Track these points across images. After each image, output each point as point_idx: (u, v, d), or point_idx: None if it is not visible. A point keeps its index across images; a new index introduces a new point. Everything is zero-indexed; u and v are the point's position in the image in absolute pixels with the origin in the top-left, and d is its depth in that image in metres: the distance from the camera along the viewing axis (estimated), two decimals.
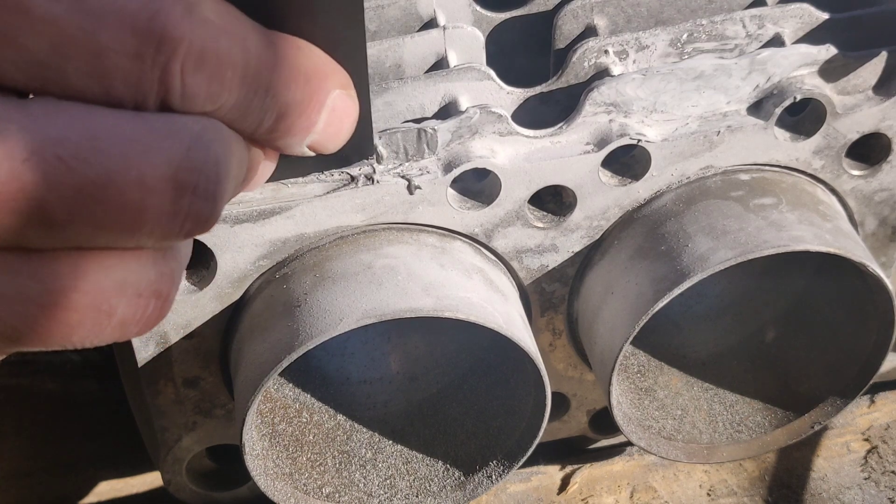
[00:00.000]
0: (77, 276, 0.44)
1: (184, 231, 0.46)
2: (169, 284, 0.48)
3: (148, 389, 0.83)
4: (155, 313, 0.48)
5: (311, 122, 0.52)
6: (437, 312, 0.74)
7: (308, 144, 0.53)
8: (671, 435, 0.89)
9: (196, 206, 0.45)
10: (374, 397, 0.91)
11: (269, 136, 0.51)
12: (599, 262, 0.84)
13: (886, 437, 1.03)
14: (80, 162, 0.42)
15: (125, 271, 0.46)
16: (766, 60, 0.79)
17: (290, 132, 0.51)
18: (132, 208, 0.43)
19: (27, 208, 0.41)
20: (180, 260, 0.49)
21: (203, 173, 0.45)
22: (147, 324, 0.48)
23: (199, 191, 0.45)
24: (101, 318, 0.45)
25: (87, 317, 0.45)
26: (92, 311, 0.45)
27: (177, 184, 0.44)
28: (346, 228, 0.78)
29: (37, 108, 0.42)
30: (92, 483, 1.11)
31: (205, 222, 0.46)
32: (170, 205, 0.44)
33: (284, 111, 0.50)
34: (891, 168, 0.86)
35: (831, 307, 0.91)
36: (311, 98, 0.51)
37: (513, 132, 0.78)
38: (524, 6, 0.87)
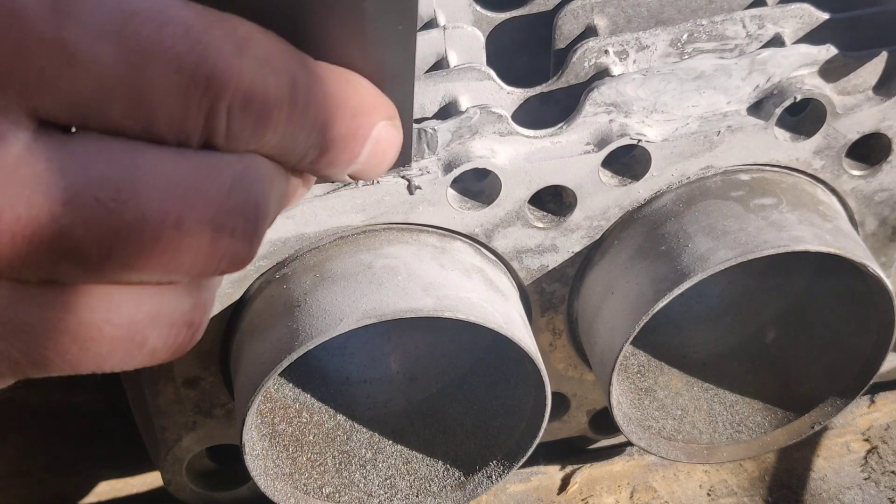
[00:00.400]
0: (110, 308, 0.44)
1: (219, 270, 0.45)
2: (202, 314, 0.48)
3: (148, 389, 0.83)
4: (186, 341, 0.47)
5: (354, 154, 0.51)
6: (437, 312, 0.74)
7: (349, 174, 0.53)
8: (671, 435, 0.89)
9: (233, 247, 0.45)
10: (374, 397, 0.91)
11: (313, 168, 0.50)
12: (599, 262, 0.84)
13: (886, 437, 1.03)
14: (119, 204, 0.41)
15: (159, 304, 0.45)
16: (767, 60, 0.79)
17: (333, 165, 0.50)
18: (168, 250, 0.43)
19: (63, 247, 0.41)
20: (213, 289, 0.49)
21: (242, 216, 0.44)
22: (177, 351, 0.48)
23: (238, 233, 0.44)
24: (132, 348, 0.45)
25: (118, 347, 0.45)
26: (124, 343, 0.45)
27: (215, 226, 0.43)
28: (346, 228, 0.78)
29: (78, 145, 0.41)
30: (92, 483, 1.11)
31: (241, 262, 0.46)
32: (207, 247, 0.44)
33: (329, 146, 0.49)
34: (891, 168, 0.86)
35: (831, 307, 0.91)
36: (357, 132, 0.50)
37: (513, 132, 0.77)
38: (524, 6, 0.87)
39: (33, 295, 0.42)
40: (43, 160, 0.40)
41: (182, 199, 0.42)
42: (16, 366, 0.43)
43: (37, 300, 0.42)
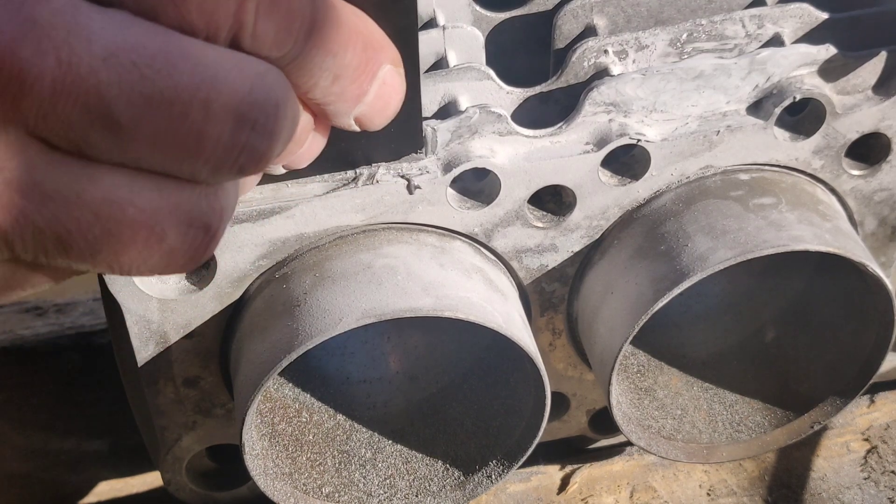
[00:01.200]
0: (135, 189, 0.45)
1: (237, 165, 0.46)
2: (218, 220, 0.49)
3: (148, 389, 0.83)
4: (202, 247, 0.48)
5: (362, 89, 0.53)
6: (436, 312, 0.74)
7: (356, 116, 0.54)
8: (671, 435, 0.89)
9: (253, 141, 0.46)
10: (374, 397, 0.91)
11: (323, 98, 0.52)
12: (599, 261, 0.84)
13: (886, 437, 1.03)
14: (154, 72, 0.42)
15: (179, 198, 0.46)
16: (766, 60, 0.80)
17: (343, 97, 0.52)
18: (194, 129, 0.44)
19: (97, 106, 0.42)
20: (230, 202, 0.50)
21: (263, 111, 0.46)
22: (192, 258, 0.48)
23: (258, 127, 0.46)
24: (152, 239, 0.46)
25: (139, 235, 0.45)
26: (145, 231, 0.45)
27: (238, 116, 0.45)
28: (345, 228, 0.78)
29: (117, 14, 0.43)
30: (92, 483, 1.11)
31: (258, 160, 0.47)
32: (229, 135, 0.45)
33: (340, 73, 0.51)
34: (890, 168, 0.86)
35: (831, 307, 0.91)
36: (367, 65, 0.53)
37: (512, 132, 0.78)
38: (524, 6, 0.87)
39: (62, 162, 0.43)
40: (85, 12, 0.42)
41: (211, 82, 0.44)
42: (39, 236, 0.43)
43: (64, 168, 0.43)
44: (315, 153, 0.60)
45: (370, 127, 0.56)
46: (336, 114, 0.54)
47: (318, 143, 0.59)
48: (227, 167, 0.46)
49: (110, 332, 0.84)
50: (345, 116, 0.54)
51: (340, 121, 0.55)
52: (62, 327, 1.10)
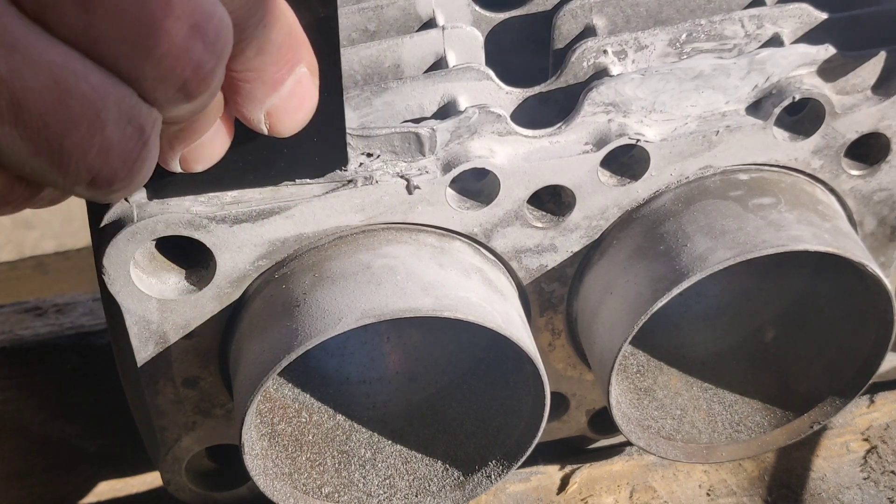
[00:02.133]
0: (87, 67, 0.45)
1: (182, 78, 0.47)
2: (151, 128, 0.49)
3: (147, 389, 0.83)
4: (135, 151, 0.48)
5: (280, 76, 0.53)
6: (436, 312, 0.74)
7: (267, 109, 0.54)
8: (670, 435, 0.89)
9: (202, 56, 0.47)
10: (374, 397, 0.91)
11: (244, 68, 0.52)
12: (598, 261, 0.84)
13: (886, 437, 1.03)
14: None
15: (123, 91, 0.47)
16: (765, 60, 0.80)
17: (261, 77, 0.53)
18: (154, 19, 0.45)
19: None
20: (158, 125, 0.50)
21: (216, 29, 0.47)
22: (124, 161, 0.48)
23: (209, 43, 0.47)
24: (95, 124, 0.46)
25: (86, 114, 0.46)
26: (91, 111, 0.46)
27: (194, 23, 0.46)
28: (345, 228, 0.78)
29: None
30: (92, 483, 1.11)
31: (204, 79, 0.47)
32: (182, 39, 0.46)
33: (265, 47, 0.51)
34: (890, 168, 0.86)
35: (830, 307, 0.91)
36: (288, 50, 0.53)
37: (512, 132, 0.78)
38: (523, 6, 0.87)
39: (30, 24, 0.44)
40: None
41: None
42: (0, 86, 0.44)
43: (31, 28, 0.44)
44: (217, 153, 0.60)
45: (280, 129, 0.56)
46: (249, 97, 0.54)
47: (221, 139, 0.59)
48: (172, 77, 0.47)
49: (110, 332, 0.84)
50: (257, 105, 0.54)
51: (251, 110, 0.55)
52: (61, 327, 1.10)
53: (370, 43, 0.80)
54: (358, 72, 0.80)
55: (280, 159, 0.71)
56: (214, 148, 0.59)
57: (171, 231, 0.73)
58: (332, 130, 0.63)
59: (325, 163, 0.70)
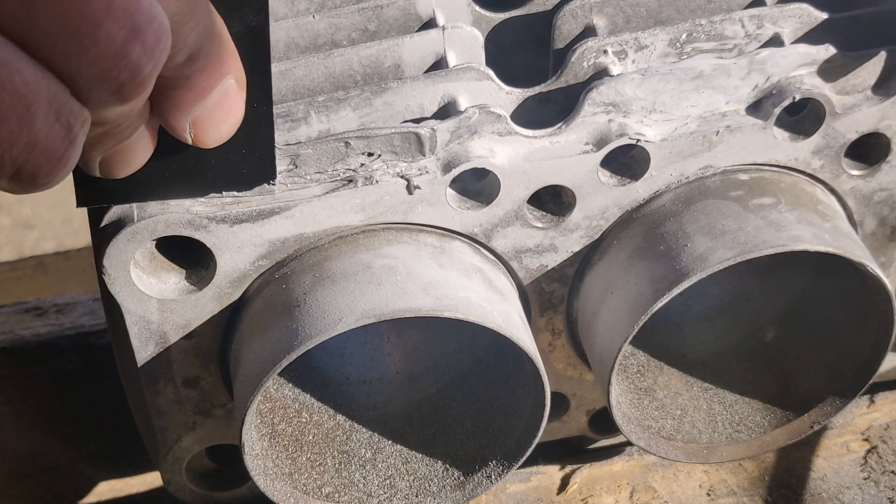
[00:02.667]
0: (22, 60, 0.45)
1: (118, 80, 0.47)
2: (80, 127, 0.49)
3: (147, 389, 0.83)
4: (60, 151, 0.48)
5: (208, 84, 0.53)
6: (436, 312, 0.74)
7: (193, 118, 0.54)
8: (670, 435, 0.89)
9: (138, 59, 0.47)
10: (374, 397, 0.91)
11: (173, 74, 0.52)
12: (599, 261, 0.84)
13: (886, 437, 1.03)
14: None
15: (56, 88, 0.47)
16: (766, 60, 0.80)
17: (189, 84, 0.53)
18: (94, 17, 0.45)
19: None
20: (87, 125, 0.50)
21: (155, 33, 0.47)
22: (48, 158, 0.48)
23: (147, 46, 0.47)
24: (25, 117, 0.46)
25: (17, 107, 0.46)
26: (22, 105, 0.46)
27: (133, 26, 0.46)
28: (345, 228, 0.78)
29: None
30: (92, 483, 1.11)
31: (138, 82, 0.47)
32: (121, 40, 0.46)
33: (196, 55, 0.51)
34: (890, 168, 0.86)
35: (830, 307, 0.91)
36: (216, 62, 0.53)
37: (512, 132, 0.78)
38: (523, 6, 0.87)
39: None
40: None
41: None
42: None
43: None
44: (139, 159, 0.59)
45: (204, 140, 0.56)
46: (175, 105, 0.54)
47: (143, 145, 0.58)
48: (108, 79, 0.47)
49: (110, 332, 0.84)
50: (183, 113, 0.54)
51: (177, 118, 0.55)
52: (62, 327, 1.10)
53: (370, 43, 0.80)
54: (358, 72, 0.80)
55: (207, 170, 0.69)
56: (137, 154, 0.59)
57: (171, 231, 0.73)
58: (260, 143, 0.62)
59: (252, 175, 0.68)
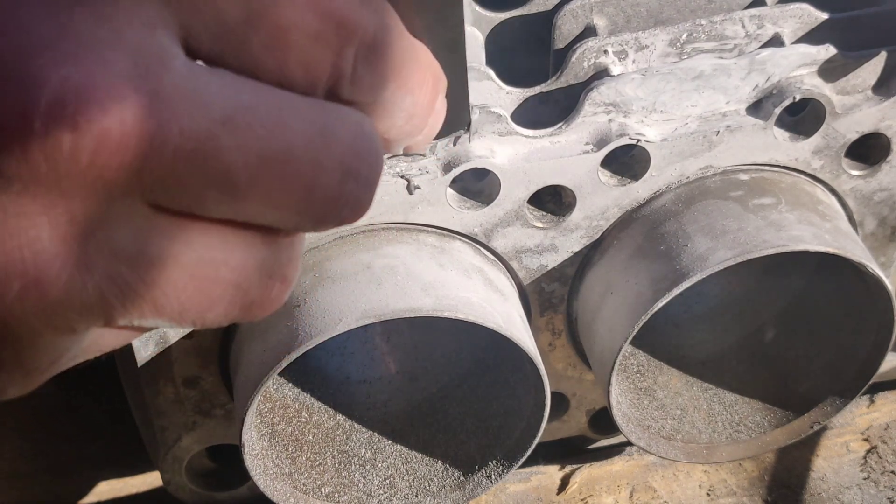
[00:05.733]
0: (227, 250, 0.44)
1: (339, 217, 0.46)
2: (294, 269, 0.48)
3: (148, 389, 0.83)
4: (279, 297, 0.48)
5: (426, 123, 0.52)
6: (436, 312, 0.74)
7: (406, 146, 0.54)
8: (670, 435, 0.89)
9: (357, 192, 0.46)
10: (374, 397, 0.91)
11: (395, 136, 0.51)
12: (599, 261, 0.84)
13: (886, 437, 1.03)
14: (268, 132, 0.42)
15: (266, 252, 0.46)
16: (766, 60, 0.80)
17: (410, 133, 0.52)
18: (305, 185, 0.44)
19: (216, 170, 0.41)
20: (303, 245, 0.50)
21: (367, 161, 0.46)
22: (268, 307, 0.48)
23: (362, 178, 0.46)
24: (237, 296, 0.46)
25: (227, 293, 0.45)
26: (232, 289, 0.45)
27: (344, 168, 0.45)
28: (345, 228, 0.78)
29: (225, 75, 0.42)
30: (92, 483, 1.11)
31: (358, 211, 0.47)
32: (336, 188, 0.45)
33: (415, 111, 0.50)
34: (890, 168, 0.86)
35: (831, 307, 0.91)
36: (434, 100, 0.52)
37: (512, 132, 0.78)
38: (523, 6, 0.87)
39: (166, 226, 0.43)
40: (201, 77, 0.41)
41: (320, 137, 0.44)
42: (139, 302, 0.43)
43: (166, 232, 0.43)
44: None
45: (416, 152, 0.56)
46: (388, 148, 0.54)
47: None
48: (329, 219, 0.46)
49: None
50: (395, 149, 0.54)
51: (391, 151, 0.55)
52: None
53: None
54: None
55: None
56: None
57: None
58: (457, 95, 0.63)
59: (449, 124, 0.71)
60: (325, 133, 0.44)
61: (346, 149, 0.45)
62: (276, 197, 0.43)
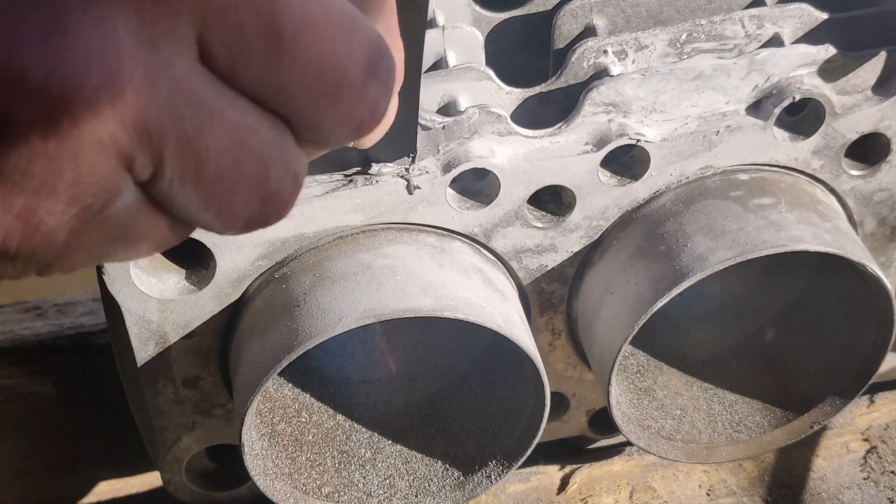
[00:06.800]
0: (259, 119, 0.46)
1: (360, 119, 0.47)
2: (303, 174, 0.50)
3: (147, 389, 0.83)
4: (288, 199, 0.49)
5: None
6: (436, 312, 0.74)
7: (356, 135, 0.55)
8: (670, 435, 0.89)
9: (376, 94, 0.47)
10: (374, 397, 0.91)
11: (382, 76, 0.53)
12: (598, 262, 0.84)
13: (886, 437, 1.03)
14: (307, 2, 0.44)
15: (286, 139, 0.48)
16: (766, 60, 0.80)
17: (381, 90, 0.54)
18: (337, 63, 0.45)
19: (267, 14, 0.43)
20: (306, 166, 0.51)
21: (387, 63, 0.47)
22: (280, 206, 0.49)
23: (382, 78, 0.47)
24: (261, 177, 0.47)
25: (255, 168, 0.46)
26: (259, 165, 0.46)
27: (369, 60, 0.46)
28: (345, 228, 0.78)
29: None
30: (92, 483, 1.11)
31: (377, 119, 0.48)
32: (361, 80, 0.46)
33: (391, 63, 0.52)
34: (890, 168, 0.86)
35: (830, 307, 0.91)
36: (394, 81, 0.53)
37: (512, 132, 0.78)
38: (523, 6, 0.87)
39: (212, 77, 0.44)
40: None
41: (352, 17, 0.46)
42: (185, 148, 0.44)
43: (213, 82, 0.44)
44: None
45: (366, 143, 0.57)
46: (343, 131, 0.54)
47: None
48: (351, 120, 0.47)
49: (110, 332, 0.84)
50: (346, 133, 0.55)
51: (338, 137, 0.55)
52: (62, 327, 1.10)
53: None
54: None
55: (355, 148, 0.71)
56: None
57: None
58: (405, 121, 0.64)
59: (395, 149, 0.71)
60: (357, 17, 0.46)
61: (371, 42, 0.46)
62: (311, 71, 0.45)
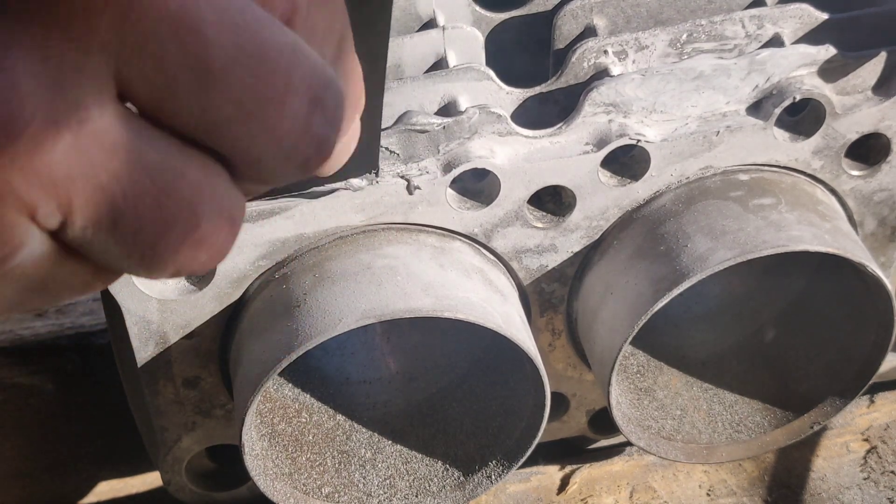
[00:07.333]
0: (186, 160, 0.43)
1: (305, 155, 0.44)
2: (241, 215, 0.46)
3: (147, 389, 0.83)
4: (225, 246, 0.46)
5: (345, 127, 0.51)
6: (436, 312, 0.74)
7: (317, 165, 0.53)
8: (670, 435, 0.89)
9: (322, 129, 0.44)
10: (374, 397, 0.91)
11: None
12: (599, 262, 0.84)
13: (886, 437, 1.03)
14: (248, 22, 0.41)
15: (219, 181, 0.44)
16: (766, 61, 0.79)
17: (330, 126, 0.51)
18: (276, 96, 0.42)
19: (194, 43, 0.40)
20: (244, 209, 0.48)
21: (333, 96, 0.44)
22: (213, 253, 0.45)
23: (328, 113, 0.44)
24: (189, 223, 0.44)
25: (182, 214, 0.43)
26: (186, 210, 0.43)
27: (313, 95, 0.43)
28: (345, 228, 0.78)
29: None
30: (92, 483, 1.11)
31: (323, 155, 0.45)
32: (304, 115, 0.43)
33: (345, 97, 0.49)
34: (890, 168, 0.86)
35: (830, 307, 0.91)
36: (355, 105, 0.51)
37: (512, 132, 0.78)
38: (523, 6, 0.87)
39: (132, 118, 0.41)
40: None
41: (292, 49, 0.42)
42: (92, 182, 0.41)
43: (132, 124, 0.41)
44: None
45: (323, 174, 0.55)
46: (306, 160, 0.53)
47: None
48: (295, 156, 0.44)
49: (110, 332, 0.84)
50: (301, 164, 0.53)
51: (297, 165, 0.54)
52: (62, 327, 1.10)
53: None
54: None
55: None
56: None
57: None
58: (368, 139, 0.63)
59: (357, 166, 0.71)
60: (297, 49, 0.42)
61: (314, 73, 0.43)
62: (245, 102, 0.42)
